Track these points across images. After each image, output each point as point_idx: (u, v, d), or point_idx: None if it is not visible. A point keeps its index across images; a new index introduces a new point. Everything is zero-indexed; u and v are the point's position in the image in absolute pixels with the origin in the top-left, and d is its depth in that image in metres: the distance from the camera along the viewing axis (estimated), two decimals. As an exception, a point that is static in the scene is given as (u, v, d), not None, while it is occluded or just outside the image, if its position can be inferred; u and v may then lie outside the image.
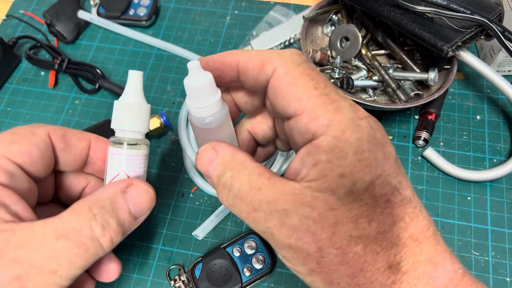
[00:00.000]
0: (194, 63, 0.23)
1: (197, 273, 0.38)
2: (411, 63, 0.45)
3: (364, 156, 0.20)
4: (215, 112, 0.24)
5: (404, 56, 0.46)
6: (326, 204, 0.19)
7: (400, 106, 0.41)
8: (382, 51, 0.48)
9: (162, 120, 0.45)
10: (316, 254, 0.19)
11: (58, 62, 0.51)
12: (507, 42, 0.39)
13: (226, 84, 0.26)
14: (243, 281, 0.37)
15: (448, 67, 0.43)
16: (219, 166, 0.23)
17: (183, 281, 0.38)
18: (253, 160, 0.23)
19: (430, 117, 0.45)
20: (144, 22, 0.55)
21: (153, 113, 0.48)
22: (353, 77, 0.45)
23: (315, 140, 0.20)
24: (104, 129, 0.43)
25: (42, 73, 0.53)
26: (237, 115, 0.28)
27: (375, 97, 0.46)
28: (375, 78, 0.45)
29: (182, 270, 0.39)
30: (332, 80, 0.47)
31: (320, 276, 0.20)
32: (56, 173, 0.31)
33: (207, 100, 0.24)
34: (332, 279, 0.20)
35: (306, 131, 0.21)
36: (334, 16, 0.50)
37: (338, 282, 0.20)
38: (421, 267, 0.20)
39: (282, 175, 0.22)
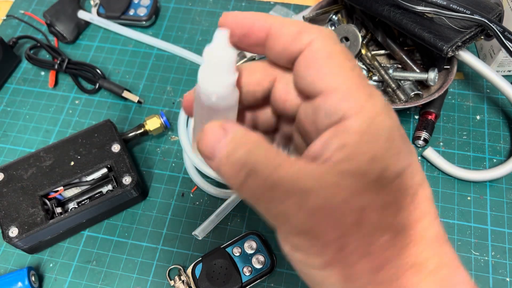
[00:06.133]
0: (225, 32, 0.21)
1: (197, 273, 0.38)
2: (411, 63, 0.45)
3: (395, 145, 0.18)
4: (228, 92, 0.22)
5: (404, 56, 0.46)
6: (352, 188, 0.18)
7: (400, 106, 0.41)
8: (382, 51, 0.48)
9: (162, 120, 0.45)
10: (337, 243, 0.17)
11: (58, 62, 0.51)
12: (507, 42, 0.39)
13: (249, 46, 0.23)
14: (243, 281, 0.37)
15: (448, 67, 0.43)
16: (230, 144, 0.20)
17: (183, 281, 0.38)
18: (268, 141, 0.20)
19: (430, 117, 0.45)
20: (144, 22, 0.55)
21: (153, 113, 0.48)
22: (353, 77, 0.45)
23: (344, 121, 0.19)
24: (104, 128, 0.43)
25: (42, 73, 0.53)
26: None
27: (375, 97, 0.46)
28: (375, 78, 0.45)
29: (182, 270, 0.39)
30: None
31: (337, 269, 0.18)
32: None
33: (223, 76, 0.21)
34: (351, 274, 0.18)
35: (335, 110, 0.19)
36: (334, 16, 0.50)
37: (357, 278, 0.18)
38: (444, 269, 0.19)
39: None
